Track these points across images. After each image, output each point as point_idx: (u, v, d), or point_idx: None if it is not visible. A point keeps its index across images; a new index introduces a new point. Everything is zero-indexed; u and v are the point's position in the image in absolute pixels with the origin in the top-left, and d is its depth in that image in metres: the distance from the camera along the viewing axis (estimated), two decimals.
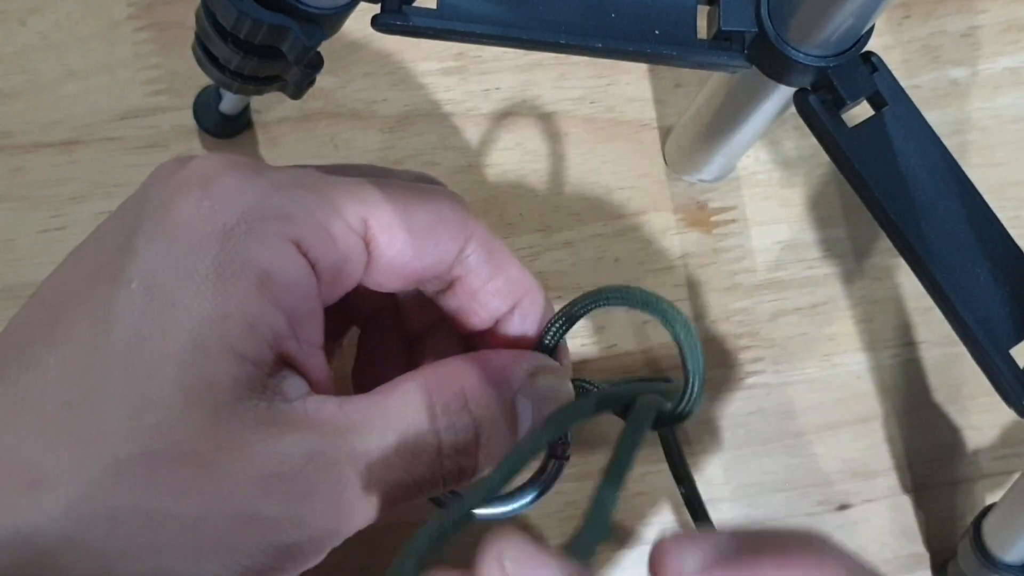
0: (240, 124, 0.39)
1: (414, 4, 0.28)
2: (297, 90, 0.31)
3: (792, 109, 0.31)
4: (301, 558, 0.21)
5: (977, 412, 0.40)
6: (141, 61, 0.40)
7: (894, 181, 0.29)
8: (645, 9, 0.29)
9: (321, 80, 0.31)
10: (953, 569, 0.37)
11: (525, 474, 0.27)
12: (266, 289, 0.21)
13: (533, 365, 0.25)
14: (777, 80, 0.30)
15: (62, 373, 0.20)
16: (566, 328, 0.26)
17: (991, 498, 0.37)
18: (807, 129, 0.30)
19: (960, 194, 0.30)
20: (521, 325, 0.26)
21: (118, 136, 0.39)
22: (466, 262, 0.25)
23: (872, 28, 0.29)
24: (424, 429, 0.22)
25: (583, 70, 0.41)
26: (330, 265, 0.23)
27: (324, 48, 0.29)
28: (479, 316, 0.26)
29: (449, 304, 0.26)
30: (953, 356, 0.40)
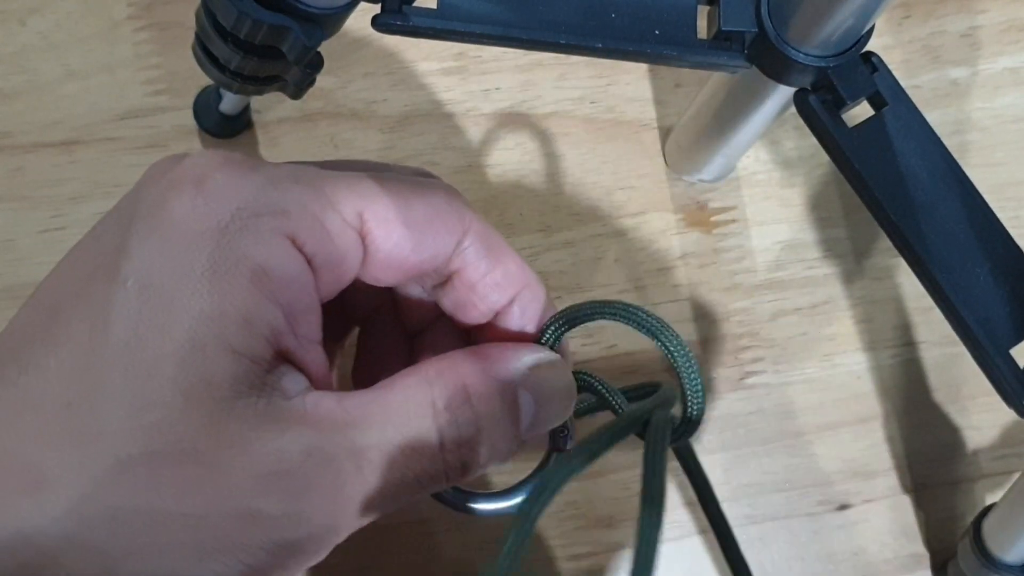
0: (240, 124, 0.39)
1: (414, 4, 0.28)
2: (297, 90, 0.31)
3: (792, 109, 0.31)
4: (303, 555, 0.21)
5: (977, 412, 0.40)
6: (141, 61, 0.40)
7: (894, 181, 0.29)
8: (645, 9, 0.29)
9: (321, 80, 0.31)
10: (953, 569, 0.37)
11: (526, 469, 0.27)
12: (262, 285, 0.21)
13: (534, 358, 0.25)
14: (777, 80, 0.30)
15: (61, 374, 0.20)
16: (565, 329, 0.26)
17: (991, 498, 0.37)
18: (807, 129, 0.30)
19: (960, 194, 0.29)
20: (520, 319, 0.26)
21: (118, 136, 0.39)
22: (464, 255, 0.25)
23: (872, 28, 0.29)
24: (425, 424, 0.22)
25: (583, 70, 0.41)
26: (326, 260, 0.22)
27: (324, 48, 0.29)
28: (478, 310, 0.26)
29: (448, 298, 0.26)
30: (953, 356, 0.40)
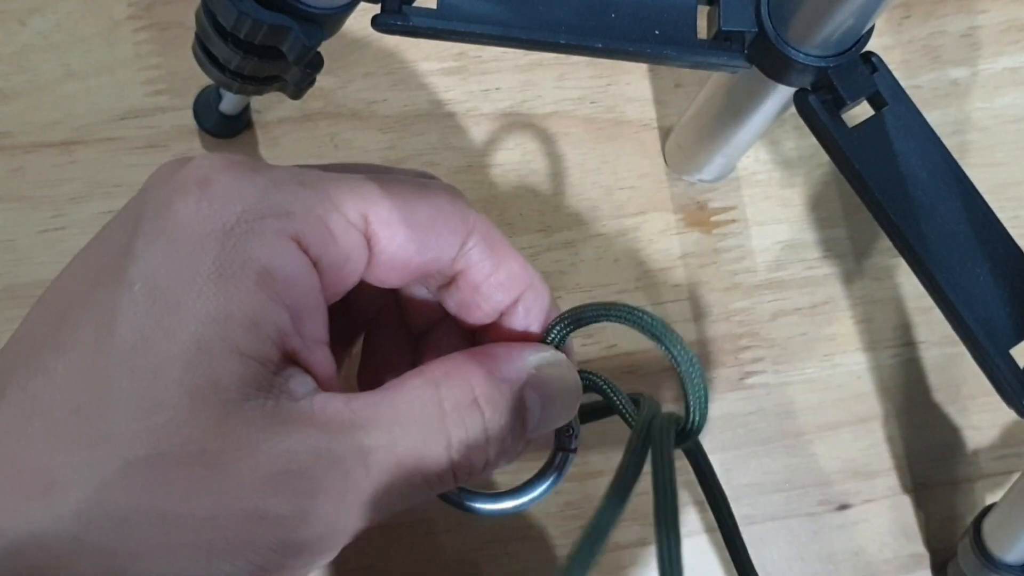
0: (240, 124, 0.39)
1: (414, 4, 0.28)
2: (297, 90, 0.31)
3: (792, 109, 0.31)
4: (311, 556, 0.21)
5: (977, 412, 0.40)
6: (141, 61, 0.40)
7: (894, 181, 0.29)
8: (645, 9, 0.29)
9: (321, 80, 0.31)
10: (953, 569, 0.37)
11: (532, 469, 0.27)
12: (268, 287, 0.21)
13: (540, 357, 0.25)
14: (777, 80, 0.30)
15: (69, 378, 0.20)
16: (571, 329, 0.26)
17: (991, 498, 0.37)
18: (807, 129, 0.30)
19: (960, 194, 0.29)
20: (524, 319, 0.26)
21: (118, 136, 0.39)
22: (468, 256, 0.25)
23: (872, 28, 0.29)
24: (433, 425, 0.22)
25: (583, 70, 0.41)
26: (331, 261, 0.23)
27: (324, 48, 0.29)
28: (482, 310, 0.26)
29: (452, 299, 0.26)
30: (953, 356, 0.40)
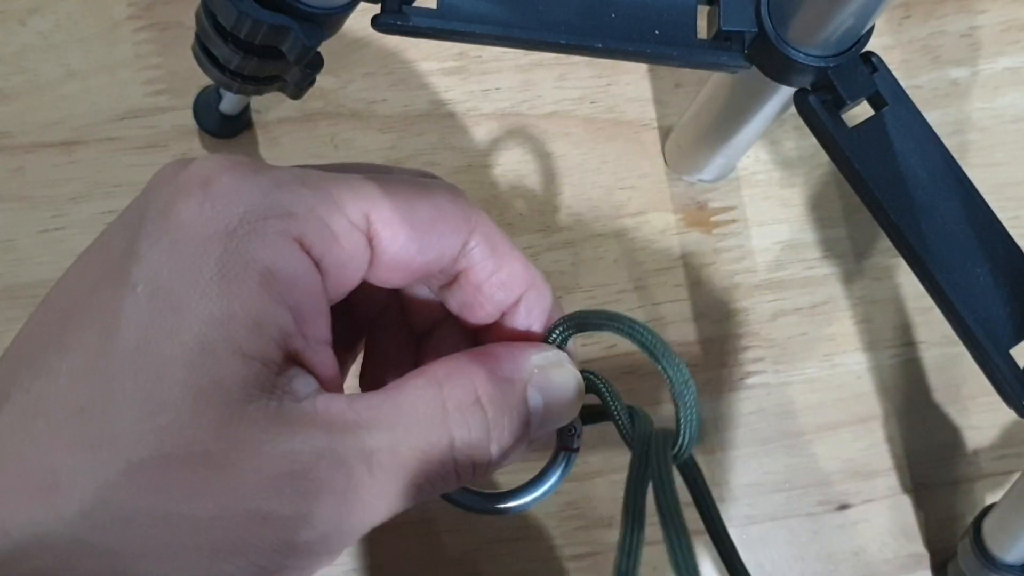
0: (240, 124, 0.39)
1: (414, 4, 0.28)
2: (297, 90, 0.31)
3: (792, 109, 0.31)
4: (314, 557, 0.21)
5: (977, 412, 0.40)
6: (141, 61, 0.40)
7: (894, 181, 0.29)
8: (645, 9, 0.29)
9: (321, 80, 0.31)
10: (953, 569, 0.37)
11: (534, 468, 0.27)
12: (270, 287, 0.21)
13: (542, 357, 0.25)
14: (777, 80, 0.30)
15: (73, 379, 0.20)
16: (574, 332, 0.26)
17: (991, 498, 0.37)
18: (807, 129, 0.30)
19: (960, 194, 0.29)
20: (527, 319, 0.26)
21: (118, 136, 0.39)
22: (470, 255, 0.25)
23: (872, 28, 0.29)
24: (436, 425, 0.22)
25: (583, 70, 0.41)
26: (333, 262, 0.23)
27: (324, 48, 0.29)
28: (484, 310, 0.26)
29: (454, 299, 0.26)
30: (953, 356, 0.40)
